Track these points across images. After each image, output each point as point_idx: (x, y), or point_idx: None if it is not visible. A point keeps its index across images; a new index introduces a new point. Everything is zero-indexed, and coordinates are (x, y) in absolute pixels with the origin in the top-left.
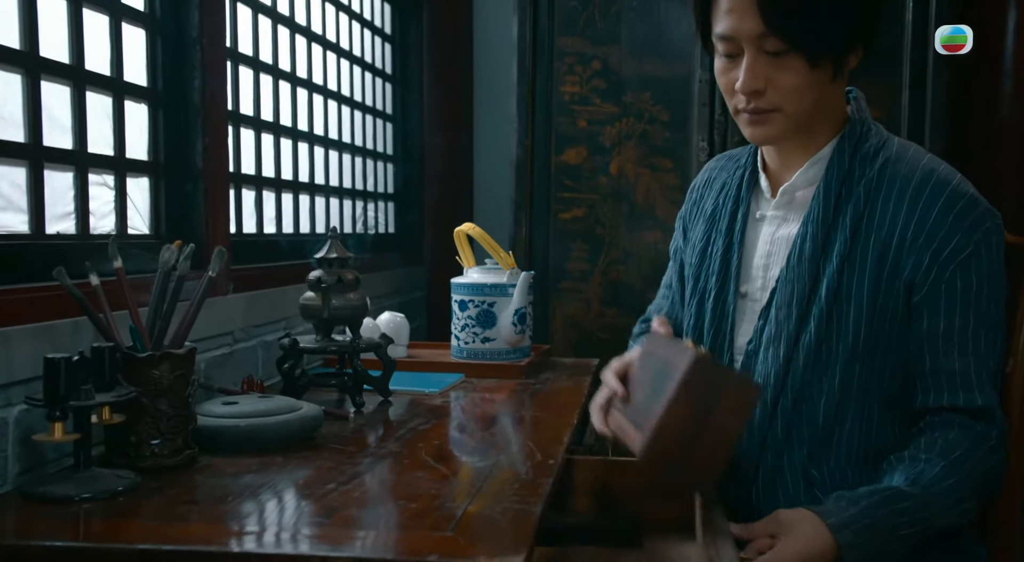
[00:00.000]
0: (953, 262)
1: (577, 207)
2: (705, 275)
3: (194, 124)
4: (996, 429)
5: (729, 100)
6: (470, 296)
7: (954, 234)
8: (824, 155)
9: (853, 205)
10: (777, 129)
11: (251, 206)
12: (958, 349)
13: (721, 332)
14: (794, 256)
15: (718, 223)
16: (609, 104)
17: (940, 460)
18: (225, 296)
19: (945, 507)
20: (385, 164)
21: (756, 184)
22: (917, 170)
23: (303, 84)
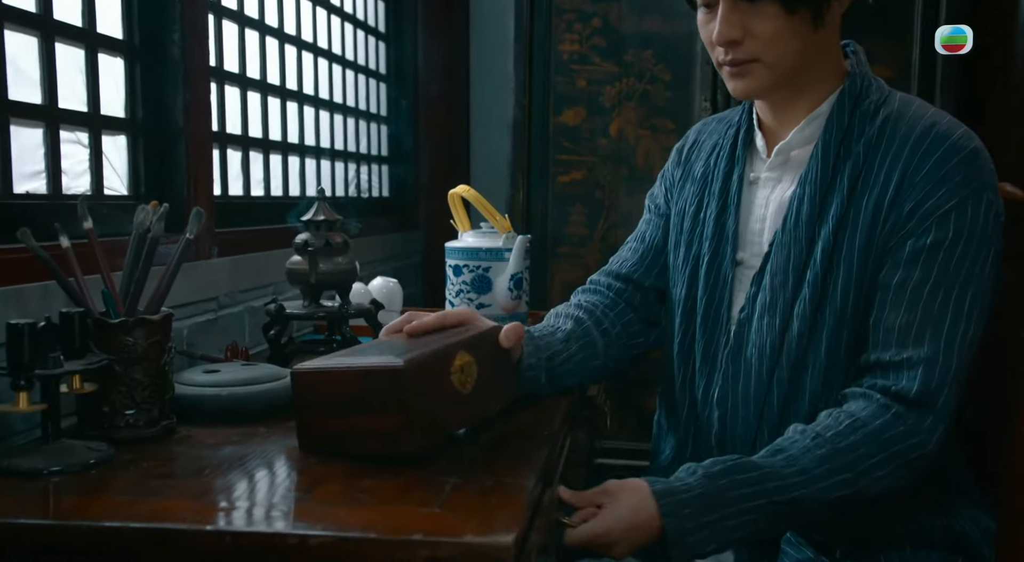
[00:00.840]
0: (931, 217)
1: (576, 170)
2: (698, 241)
3: (174, 80)
4: (932, 415)
5: (711, 54)
6: (465, 261)
7: (940, 187)
8: (822, 112)
9: (851, 164)
10: (759, 81)
11: (237, 167)
12: (907, 303)
13: (716, 301)
14: (790, 219)
15: (710, 186)
16: (609, 63)
17: (821, 431)
18: (209, 260)
19: (814, 479)
20: (378, 125)
21: (751, 144)
22: (918, 125)
23: (291, 41)
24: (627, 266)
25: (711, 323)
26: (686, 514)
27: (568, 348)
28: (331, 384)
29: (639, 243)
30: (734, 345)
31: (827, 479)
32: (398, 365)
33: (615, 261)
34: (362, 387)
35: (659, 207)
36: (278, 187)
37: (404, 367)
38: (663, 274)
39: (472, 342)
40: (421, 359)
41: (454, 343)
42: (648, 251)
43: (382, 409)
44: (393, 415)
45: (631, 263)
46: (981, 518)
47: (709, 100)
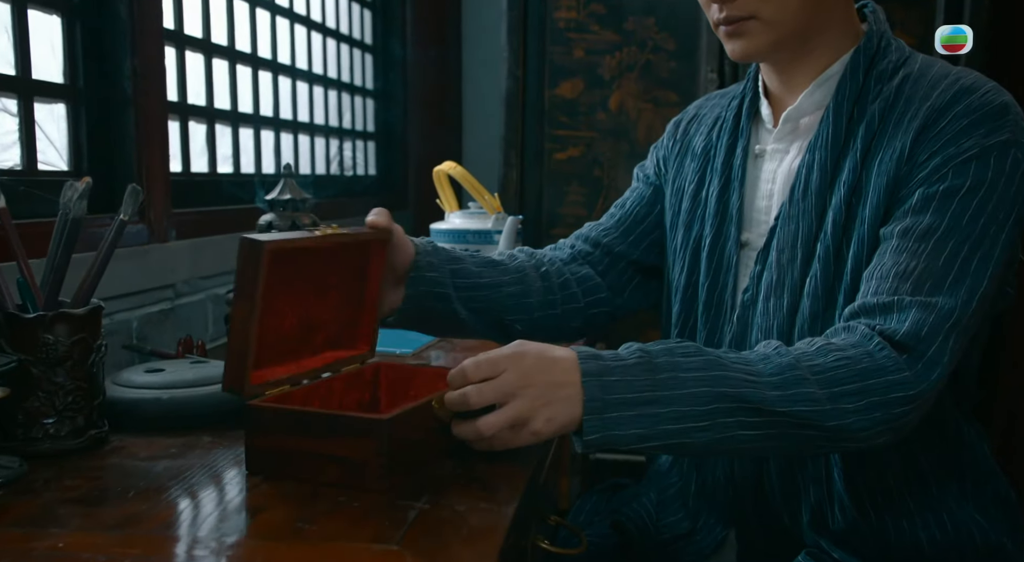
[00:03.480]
0: (949, 164)
1: (573, 146)
2: (699, 222)
3: (121, 43)
4: (922, 362)
5: (708, 15)
6: (451, 243)
7: (963, 137)
8: (833, 73)
9: (865, 125)
10: (758, 41)
11: (202, 142)
12: (908, 251)
13: (719, 286)
14: (798, 188)
15: (712, 161)
16: (609, 31)
17: (791, 349)
18: (165, 244)
19: (771, 385)
20: (364, 99)
21: (756, 115)
22: (942, 82)
23: (264, 5)
24: (599, 230)
25: (714, 310)
26: (611, 383)
27: (484, 273)
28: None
29: (617, 209)
30: (738, 330)
31: (785, 388)
32: (381, 420)
33: (588, 225)
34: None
35: (648, 177)
36: (249, 164)
37: (387, 422)
38: (639, 244)
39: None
40: (403, 416)
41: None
42: (627, 218)
43: (353, 432)
44: (365, 440)
45: (604, 227)
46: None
47: (716, 70)
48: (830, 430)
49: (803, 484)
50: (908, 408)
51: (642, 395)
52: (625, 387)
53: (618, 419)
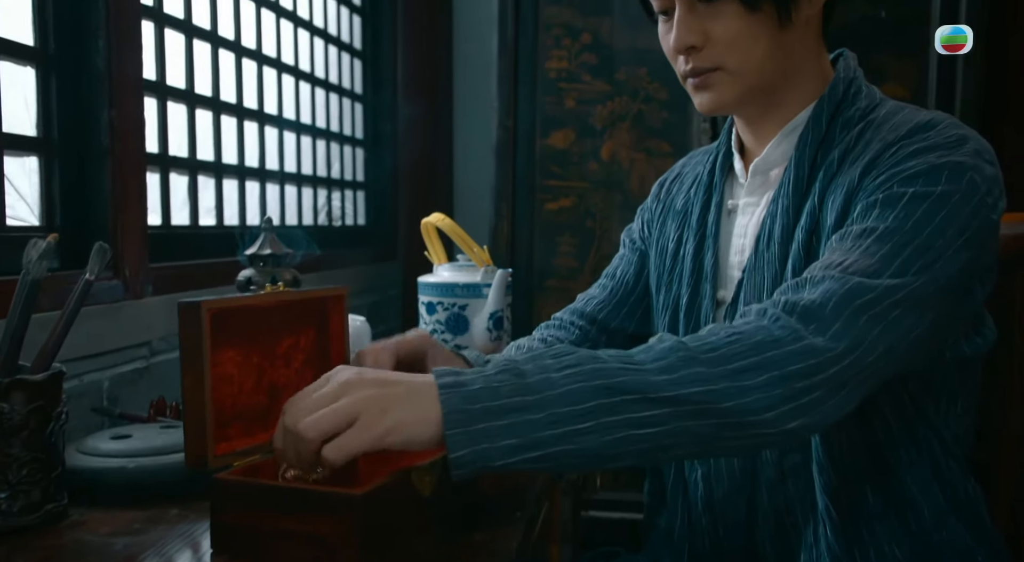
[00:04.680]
0: (893, 180)
1: (565, 196)
2: (677, 282)
3: (98, 94)
4: (827, 333)
5: (675, 67)
6: (439, 297)
7: (910, 160)
8: (799, 122)
9: (824, 171)
10: (724, 92)
11: (183, 194)
12: (842, 248)
13: None
14: (762, 239)
15: (688, 219)
16: (600, 81)
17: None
18: (140, 300)
19: (654, 370)
20: (353, 149)
21: (730, 170)
22: (900, 124)
23: (251, 55)
24: (593, 304)
25: None
26: (473, 393)
27: None
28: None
29: (609, 280)
30: None
31: (672, 371)
32: (354, 496)
33: (581, 299)
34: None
35: (634, 242)
36: (233, 216)
37: (361, 498)
38: (633, 315)
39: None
40: (380, 491)
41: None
42: (619, 288)
43: (325, 509)
44: (338, 518)
45: (598, 301)
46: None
47: (708, 120)
48: (730, 413)
49: (797, 550)
50: (811, 382)
51: (511, 401)
52: (490, 395)
53: (487, 430)
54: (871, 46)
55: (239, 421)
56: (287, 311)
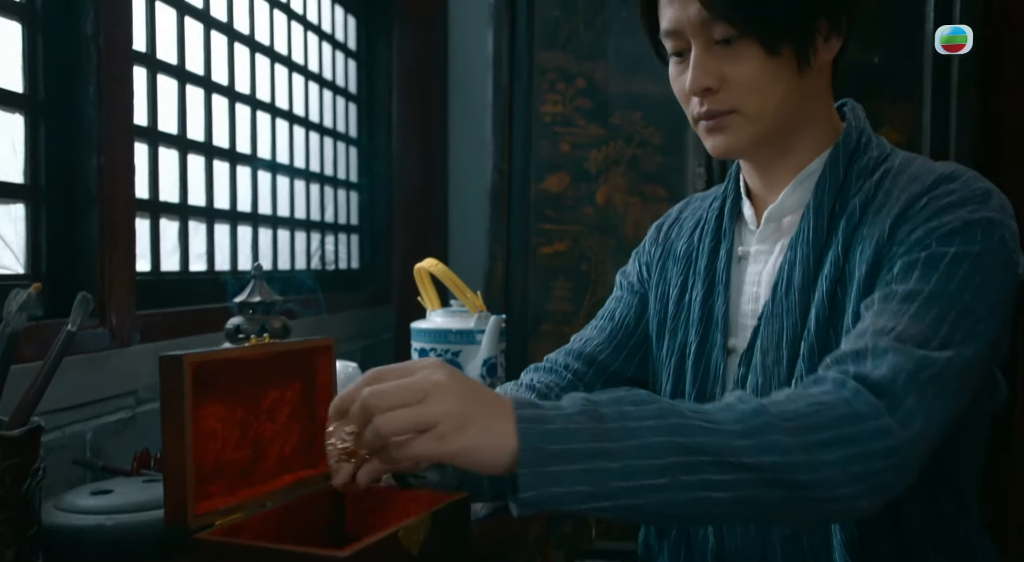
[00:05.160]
0: (931, 236)
1: (559, 240)
2: (684, 328)
3: (87, 141)
4: (902, 409)
5: (686, 109)
6: (432, 343)
7: (944, 214)
8: (813, 170)
9: (846, 219)
10: (739, 135)
11: (174, 239)
12: (891, 311)
13: (706, 396)
14: (781, 286)
15: (695, 264)
16: (595, 125)
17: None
18: (127, 348)
19: (734, 433)
20: (348, 192)
21: (739, 216)
22: (922, 173)
23: (244, 100)
24: (591, 346)
25: None
26: (552, 431)
27: None
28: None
29: (607, 321)
30: None
31: (752, 436)
32: (338, 558)
33: (577, 340)
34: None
35: (632, 285)
36: (225, 261)
37: (346, 559)
38: (632, 359)
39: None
40: (366, 552)
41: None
42: (617, 330)
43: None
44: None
45: (596, 343)
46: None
47: (703, 165)
48: (805, 486)
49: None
50: (890, 462)
51: (589, 446)
52: (569, 437)
53: (560, 474)
54: (865, 91)
55: (222, 477)
56: (273, 363)
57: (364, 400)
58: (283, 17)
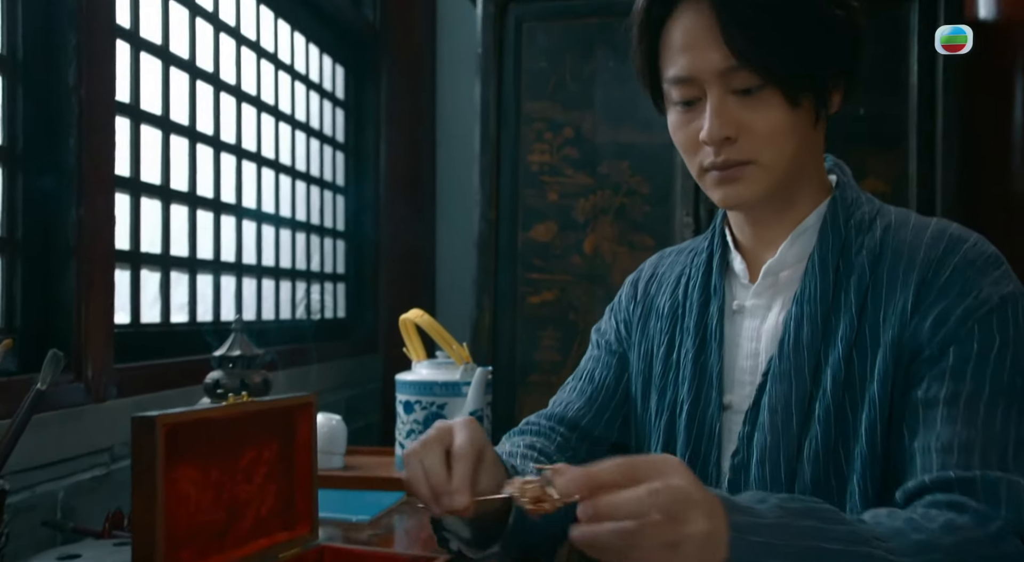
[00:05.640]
0: (971, 317)
1: (547, 289)
2: (673, 386)
3: (67, 192)
4: (1004, 517)
5: (691, 159)
6: (417, 396)
7: (972, 289)
8: (811, 225)
9: (856, 279)
10: (754, 187)
11: (155, 290)
12: (963, 419)
13: (701, 455)
14: (788, 343)
15: (682, 321)
16: (582, 175)
17: (914, 517)
18: (103, 403)
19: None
20: (334, 241)
21: (727, 270)
22: (926, 233)
23: (230, 149)
24: (573, 410)
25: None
26: (756, 543)
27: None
28: None
29: (586, 383)
30: None
31: (918, 555)
32: None
33: (556, 403)
34: None
35: (609, 344)
36: (207, 312)
37: None
38: (614, 422)
39: None
40: None
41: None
42: (598, 393)
43: None
44: None
45: (578, 406)
46: None
47: (691, 214)
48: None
49: None
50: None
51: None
52: (768, 552)
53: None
54: (850, 142)
55: (194, 541)
56: (250, 422)
57: (630, 504)
58: (270, 67)
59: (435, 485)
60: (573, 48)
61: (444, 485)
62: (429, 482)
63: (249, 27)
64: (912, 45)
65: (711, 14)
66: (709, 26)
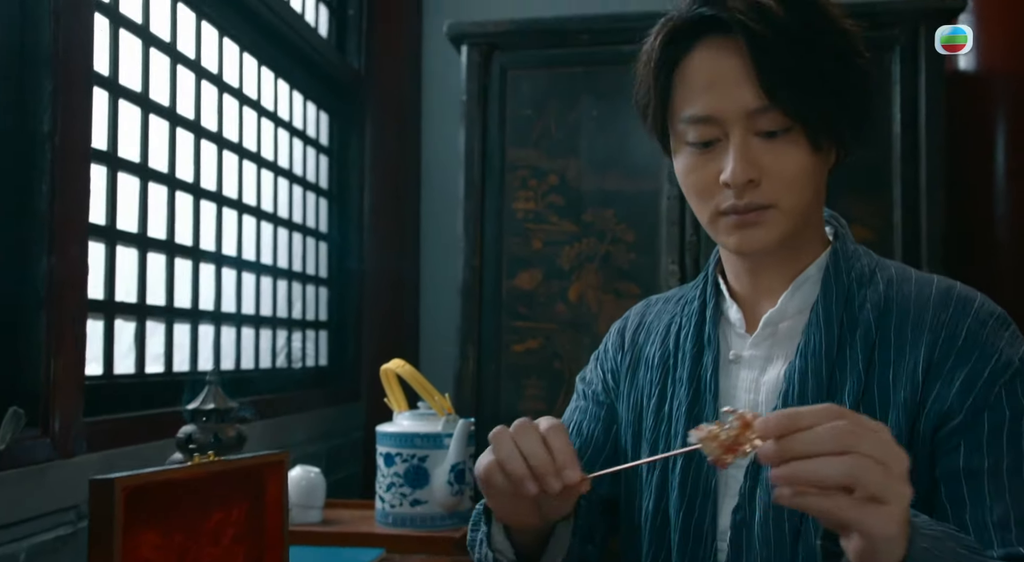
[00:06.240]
0: (997, 383)
1: (532, 338)
2: (665, 440)
3: (38, 242)
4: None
5: (704, 203)
6: (398, 448)
7: (994, 350)
8: (811, 276)
9: (862, 334)
10: (773, 232)
11: (130, 339)
12: (1011, 492)
13: (695, 513)
14: (792, 397)
15: (674, 371)
16: (567, 222)
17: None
18: (71, 459)
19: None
20: (316, 288)
21: (721, 317)
22: (931, 289)
23: (209, 196)
24: None
25: (691, 543)
26: (925, 550)
27: None
28: None
29: (574, 436)
30: (731, 556)
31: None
32: None
33: None
34: None
35: (596, 395)
36: (184, 361)
37: None
38: (604, 476)
39: None
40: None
41: None
42: (587, 446)
43: None
44: None
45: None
46: None
47: (677, 263)
48: None
49: None
50: None
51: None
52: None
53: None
54: (835, 188)
55: None
56: (217, 482)
57: (848, 432)
58: (253, 114)
59: (538, 465)
60: (558, 96)
61: (548, 464)
62: (530, 463)
63: (232, 74)
64: (895, 95)
65: (740, 52)
66: (738, 65)
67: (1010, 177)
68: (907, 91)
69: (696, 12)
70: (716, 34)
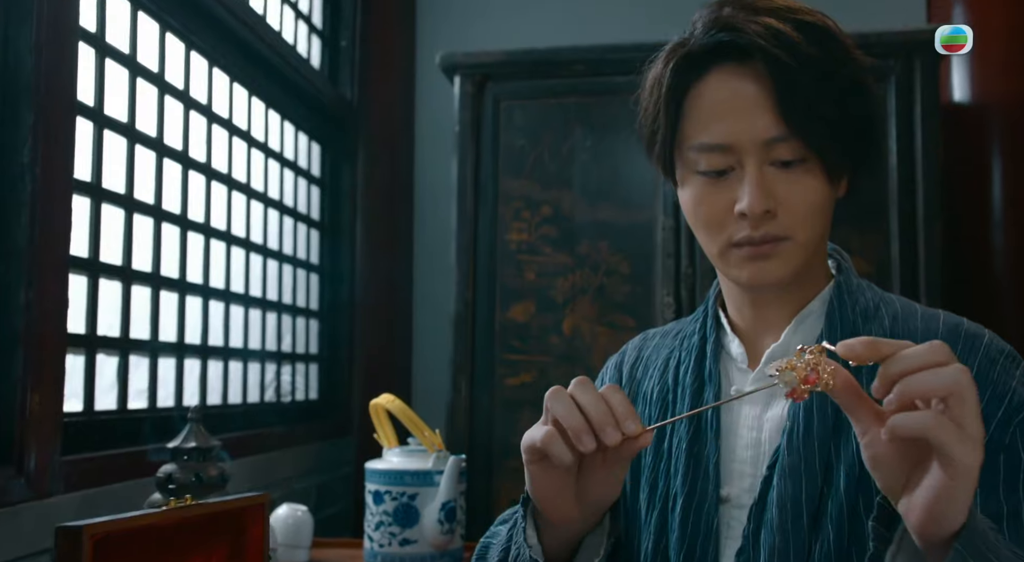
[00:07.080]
0: (1012, 422)
1: (525, 371)
2: (665, 478)
3: (15, 274)
4: None
5: (715, 235)
6: (387, 485)
7: (1007, 389)
8: (815, 310)
9: (867, 371)
10: (788, 264)
11: (112, 374)
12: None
13: (696, 554)
14: (797, 435)
15: (674, 407)
16: (561, 254)
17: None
18: (47, 499)
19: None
20: (307, 320)
21: (722, 352)
22: (938, 324)
23: (197, 228)
24: None
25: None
26: (983, 531)
27: None
28: None
29: None
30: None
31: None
32: None
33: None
34: None
35: None
36: (169, 396)
37: None
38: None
39: None
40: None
41: None
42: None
43: None
44: None
45: None
46: None
47: (672, 295)
48: None
49: None
50: None
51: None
52: (990, 547)
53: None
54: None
55: None
56: (195, 526)
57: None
58: (243, 144)
59: (597, 415)
60: (551, 126)
61: (607, 415)
62: (589, 413)
63: (222, 104)
64: (890, 126)
65: (758, 79)
66: (756, 92)
67: (1007, 207)
68: (902, 123)
69: (714, 38)
70: (731, 61)
